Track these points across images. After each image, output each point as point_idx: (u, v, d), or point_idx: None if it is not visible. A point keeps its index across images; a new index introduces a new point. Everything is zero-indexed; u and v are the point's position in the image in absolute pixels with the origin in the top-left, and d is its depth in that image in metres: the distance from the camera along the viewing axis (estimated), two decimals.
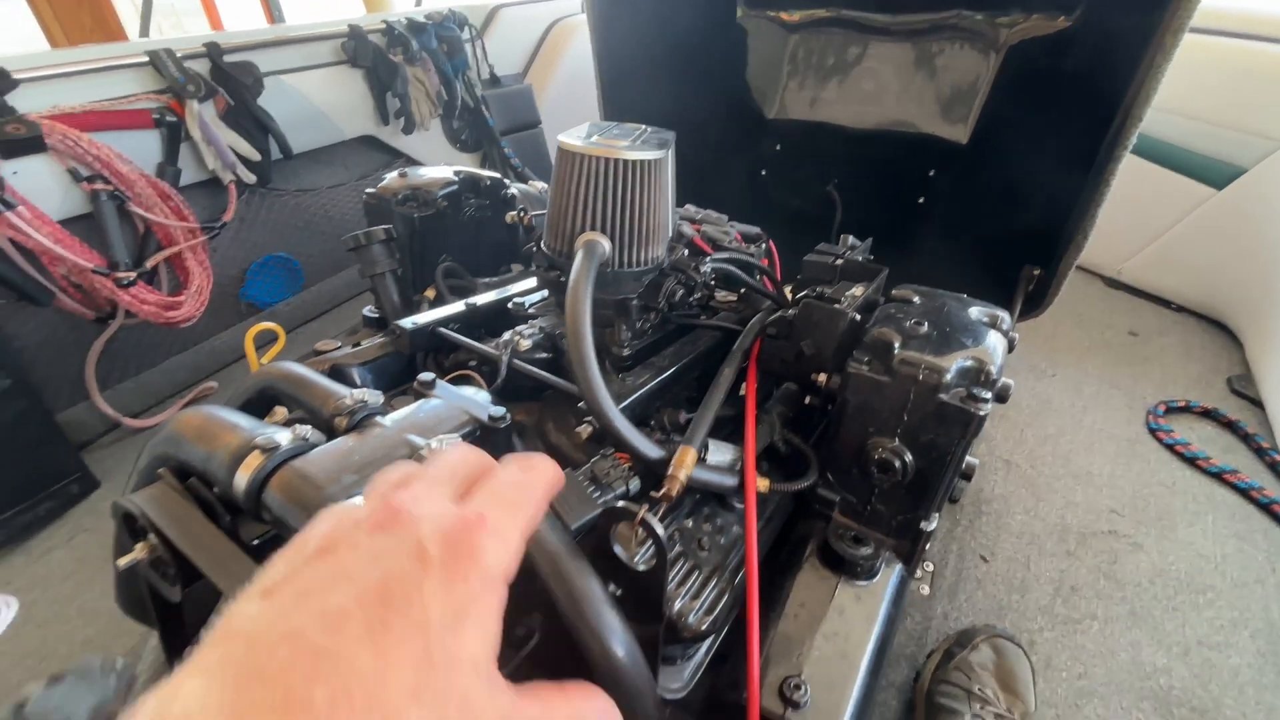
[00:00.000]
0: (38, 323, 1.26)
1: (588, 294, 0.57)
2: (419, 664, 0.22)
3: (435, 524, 0.25)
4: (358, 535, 0.25)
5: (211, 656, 0.20)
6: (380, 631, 0.21)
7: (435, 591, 0.23)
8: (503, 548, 0.26)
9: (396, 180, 0.98)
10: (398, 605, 0.22)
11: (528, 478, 0.30)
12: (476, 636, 0.24)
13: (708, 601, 0.54)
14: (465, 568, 0.24)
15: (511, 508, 0.28)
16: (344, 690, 0.20)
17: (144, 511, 0.52)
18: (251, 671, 0.20)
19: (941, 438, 0.57)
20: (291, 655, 0.20)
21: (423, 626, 0.22)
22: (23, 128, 1.10)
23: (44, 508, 1.20)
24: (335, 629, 0.21)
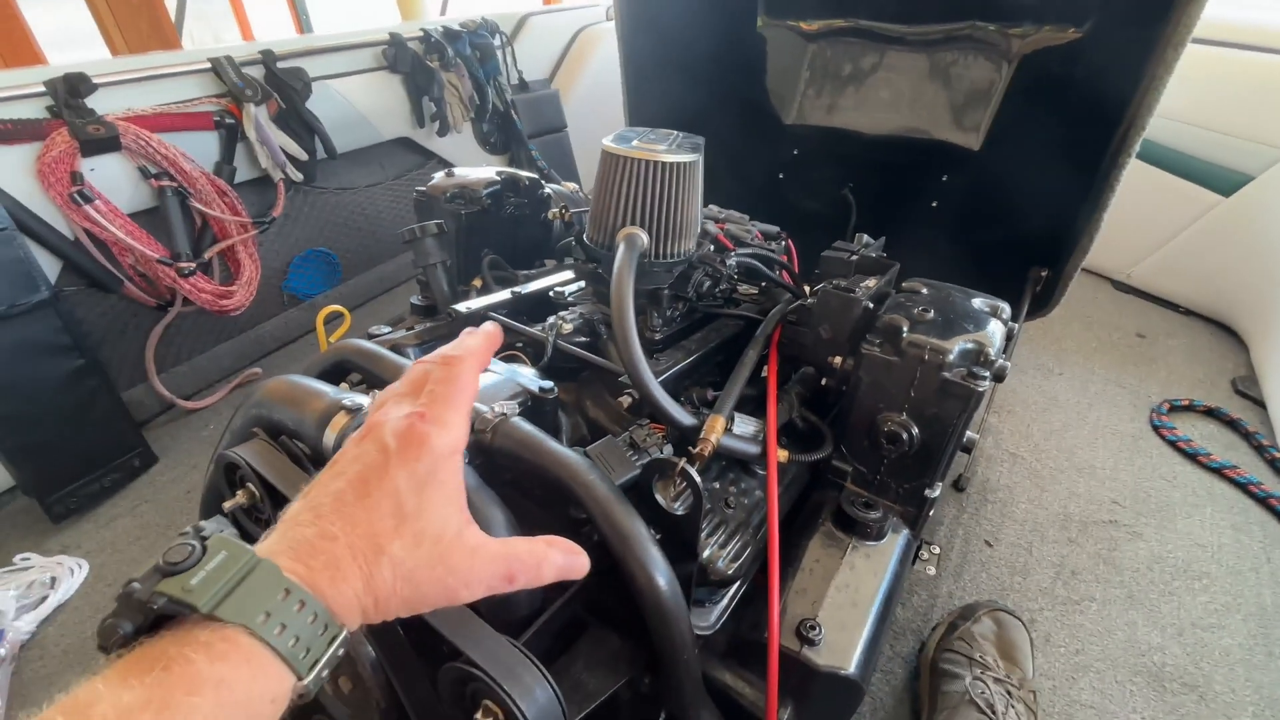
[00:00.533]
0: (104, 308, 1.36)
1: (630, 280, 0.65)
2: (395, 514, 0.34)
3: (392, 426, 0.37)
4: (349, 447, 0.38)
5: (276, 528, 0.34)
6: (364, 496, 0.34)
7: (397, 469, 0.35)
8: (444, 430, 0.37)
9: (444, 179, 1.06)
10: (373, 481, 0.35)
11: (450, 370, 0.41)
12: (437, 494, 0.36)
13: (733, 551, 0.61)
14: (416, 450, 0.36)
15: (443, 399, 0.39)
16: (351, 528, 0.33)
17: (248, 461, 0.60)
18: (298, 525, 0.33)
19: (944, 412, 0.64)
20: (317, 515, 0.33)
21: (393, 493, 0.35)
22: (102, 128, 1.19)
23: (109, 479, 1.29)
24: (339, 500, 0.34)
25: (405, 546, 0.34)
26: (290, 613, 0.29)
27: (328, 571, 0.31)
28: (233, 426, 0.70)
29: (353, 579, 0.32)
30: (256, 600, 0.28)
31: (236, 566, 0.28)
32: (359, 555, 0.32)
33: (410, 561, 0.34)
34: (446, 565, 0.35)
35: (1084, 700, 0.94)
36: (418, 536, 0.34)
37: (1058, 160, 1.20)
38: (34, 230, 1.17)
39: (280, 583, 0.29)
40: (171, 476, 1.36)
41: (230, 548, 0.29)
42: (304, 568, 0.31)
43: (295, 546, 0.32)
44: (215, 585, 0.27)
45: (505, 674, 0.44)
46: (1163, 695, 0.95)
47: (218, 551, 0.29)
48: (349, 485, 0.35)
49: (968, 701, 0.83)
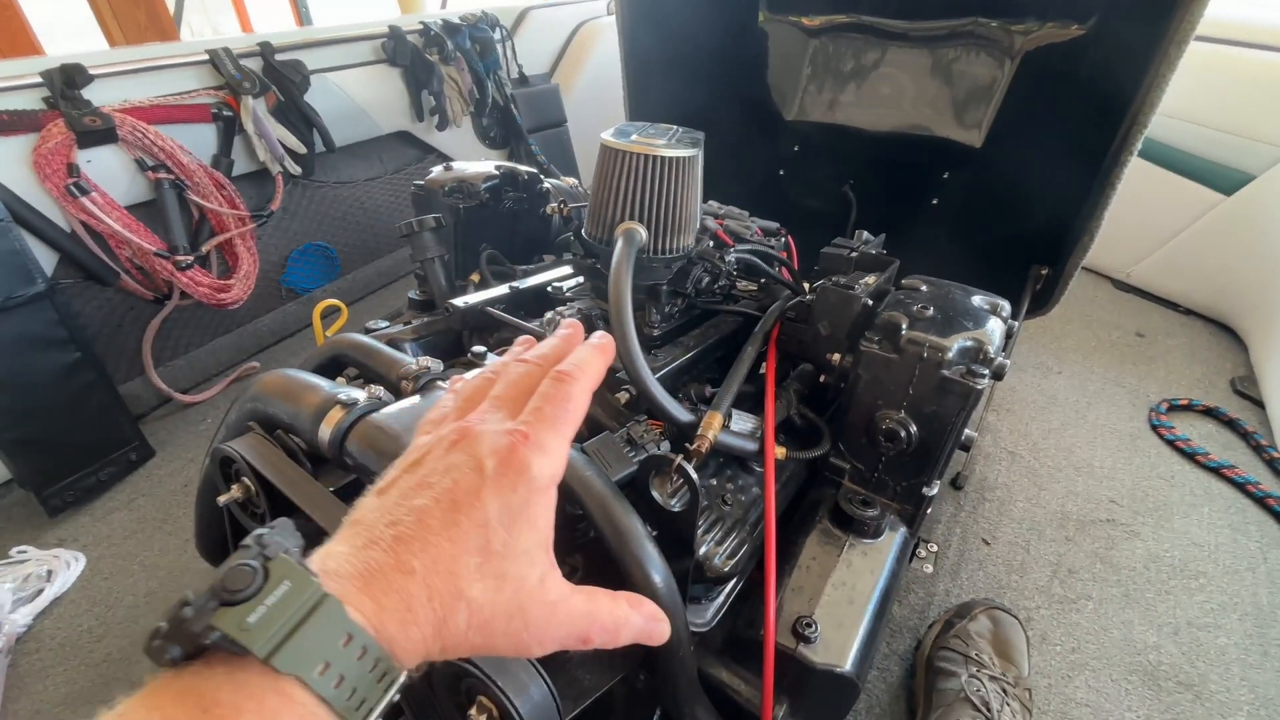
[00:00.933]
0: (101, 301, 1.36)
1: (628, 275, 0.65)
2: (481, 550, 0.31)
3: (491, 442, 0.33)
4: (439, 451, 0.34)
5: (346, 533, 0.31)
6: (452, 525, 0.30)
7: (491, 498, 0.32)
8: (546, 459, 0.34)
9: (443, 173, 1.05)
10: (463, 507, 0.31)
11: (564, 389, 0.37)
12: (527, 531, 0.33)
13: (730, 548, 0.61)
14: (513, 479, 0.32)
15: (551, 420, 0.35)
16: (433, 563, 0.29)
17: (243, 455, 0.60)
18: (371, 543, 0.29)
19: (943, 409, 0.64)
20: (396, 536, 0.29)
21: (483, 524, 0.31)
22: (99, 120, 1.19)
23: (106, 473, 1.29)
24: (421, 522, 0.30)
25: (486, 591, 0.30)
26: (350, 661, 0.26)
27: (399, 613, 0.28)
28: (228, 420, 0.70)
29: (424, 623, 0.29)
30: (316, 647, 0.25)
31: (299, 602, 0.25)
32: (436, 597, 0.29)
33: (488, 610, 0.31)
34: (524, 618, 0.32)
35: (1079, 699, 0.94)
36: (500, 580, 0.31)
37: (1059, 158, 1.19)
38: (30, 222, 1.17)
39: (343, 626, 0.26)
40: (169, 470, 1.36)
41: (295, 577, 0.26)
42: (373, 604, 0.27)
43: (367, 575, 0.28)
44: (274, 625, 0.24)
45: (499, 670, 0.44)
46: (1158, 694, 0.95)
47: (280, 580, 0.25)
48: (436, 505, 0.31)
49: (963, 699, 0.84)
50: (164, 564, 1.15)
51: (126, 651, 1.01)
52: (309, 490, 0.57)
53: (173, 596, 0.94)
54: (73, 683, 0.97)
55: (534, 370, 0.39)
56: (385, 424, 0.58)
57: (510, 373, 0.39)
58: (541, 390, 0.37)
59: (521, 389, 0.37)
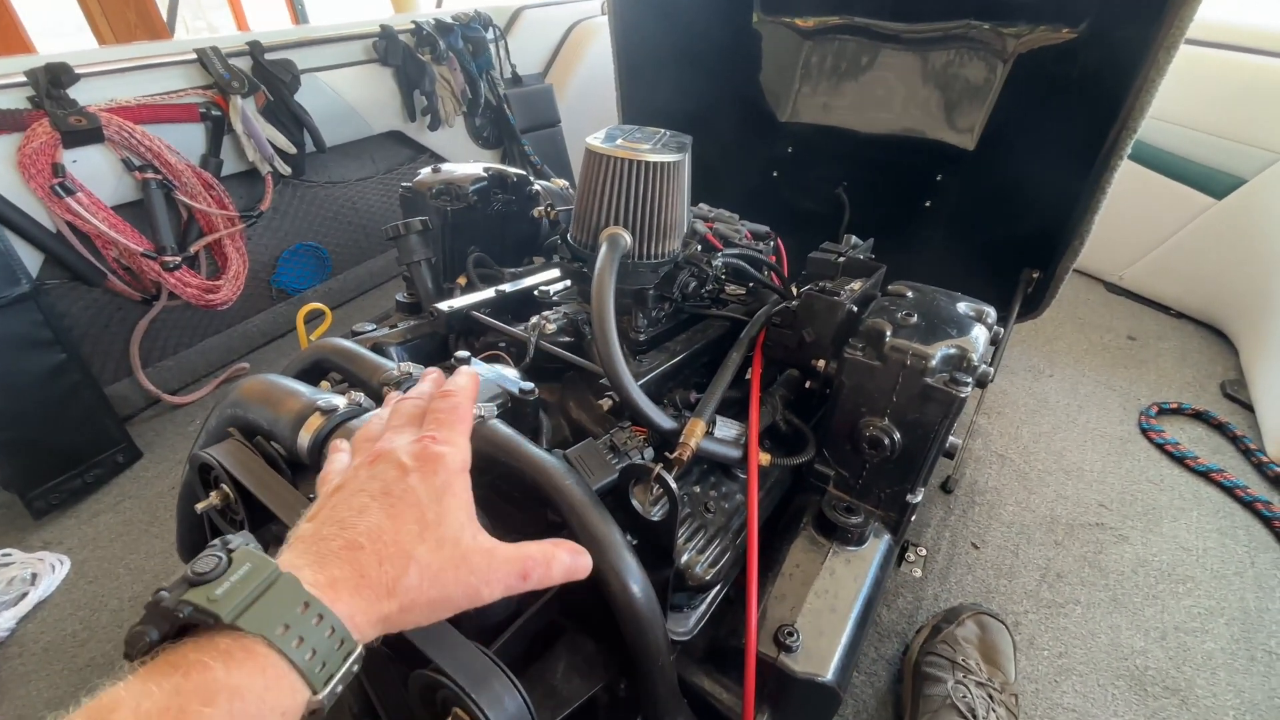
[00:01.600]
0: (87, 302, 1.35)
1: (611, 281, 0.64)
2: (418, 521, 0.37)
3: (405, 448, 0.40)
4: (360, 472, 0.39)
5: (294, 546, 0.35)
6: (389, 508, 0.36)
7: (418, 482, 0.38)
8: (454, 449, 0.41)
9: (430, 175, 1.05)
10: (396, 493, 0.37)
11: (451, 401, 0.45)
12: (453, 504, 0.39)
13: (712, 556, 0.61)
14: (432, 465, 0.39)
15: (449, 424, 0.43)
16: (379, 540, 0.35)
17: (220, 462, 0.59)
18: (321, 543, 0.34)
19: (926, 417, 0.64)
20: (342, 524, 0.35)
21: (415, 503, 0.37)
22: (84, 120, 1.18)
23: (92, 475, 1.28)
24: (362, 513, 0.36)
25: (429, 549, 0.36)
26: (308, 625, 0.30)
27: (351, 580, 0.33)
28: (208, 426, 0.69)
29: (377, 585, 0.33)
30: (276, 612, 0.29)
31: (260, 578, 0.29)
32: (385, 561, 0.34)
33: (436, 563, 0.36)
34: (468, 565, 0.37)
35: (1066, 704, 0.94)
36: (440, 541, 0.37)
37: (1051, 161, 1.20)
38: (14, 222, 1.16)
39: (300, 595, 0.30)
40: (156, 472, 1.35)
41: (255, 560, 0.30)
42: (325, 577, 0.32)
43: (319, 557, 0.33)
44: (239, 596, 0.28)
45: (474, 682, 0.43)
46: (1145, 699, 0.95)
47: (243, 563, 0.30)
48: (373, 498, 0.37)
49: (949, 705, 0.83)
50: (150, 567, 1.14)
51: (111, 656, 1.00)
52: (287, 498, 0.57)
53: None
54: (56, 687, 0.96)
55: (420, 401, 0.46)
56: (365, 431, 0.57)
57: (400, 409, 0.46)
58: (432, 407, 0.45)
59: (413, 415, 0.45)
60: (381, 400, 0.65)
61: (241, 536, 0.32)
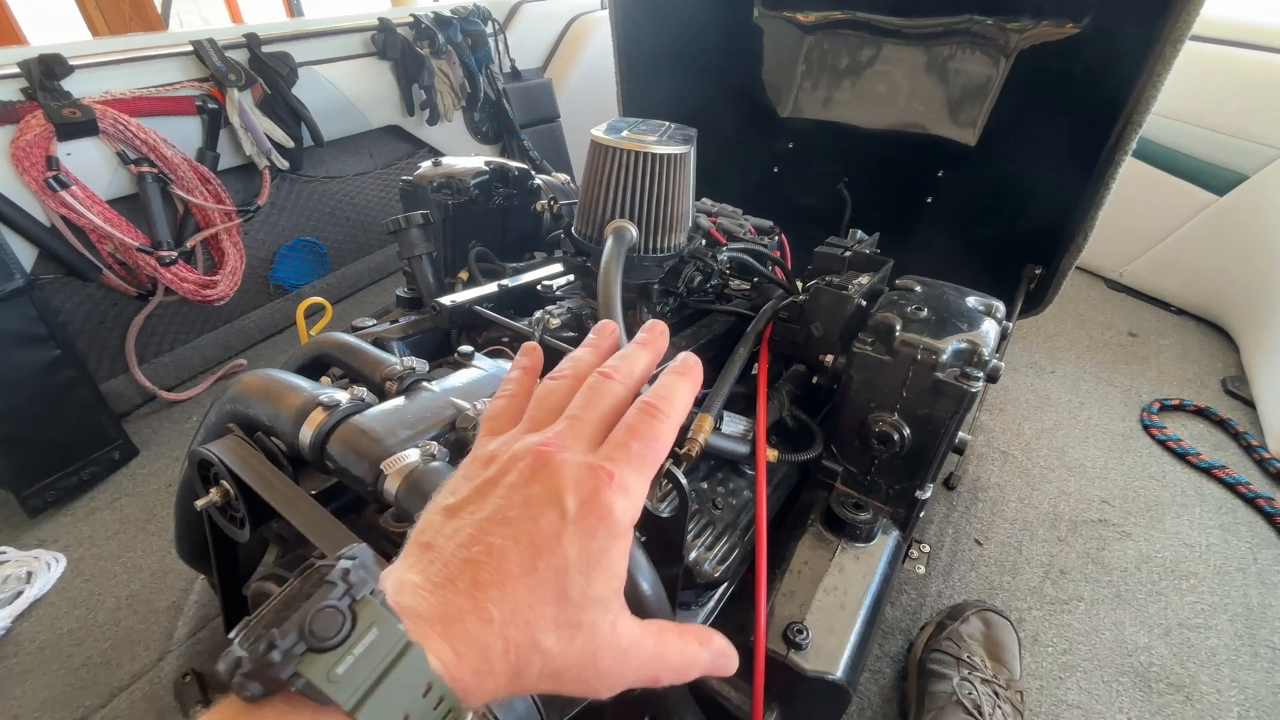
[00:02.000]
0: (82, 297, 1.33)
1: (618, 274, 0.63)
2: (558, 600, 0.29)
3: (574, 477, 0.31)
4: (515, 477, 0.31)
5: (417, 557, 0.29)
6: (531, 572, 0.29)
7: (572, 543, 0.30)
8: (628, 501, 0.31)
9: (431, 168, 1.03)
10: (544, 553, 0.29)
11: (656, 425, 0.33)
12: (604, 578, 0.31)
13: (720, 553, 0.60)
14: (595, 523, 0.30)
15: (639, 461, 0.32)
16: (511, 613, 0.28)
17: (220, 458, 0.58)
18: (448, 580, 0.28)
19: (937, 412, 0.63)
20: (475, 575, 0.28)
21: (562, 571, 0.29)
22: (79, 112, 1.16)
23: (88, 472, 1.27)
24: (500, 566, 0.28)
25: (560, 641, 0.29)
26: (427, 710, 0.25)
27: (475, 664, 0.27)
28: (207, 422, 0.68)
29: (499, 674, 0.28)
30: (399, 699, 0.24)
31: (384, 650, 0.24)
32: (512, 649, 0.28)
33: (561, 659, 0.29)
34: (595, 666, 0.30)
35: (1071, 700, 0.94)
36: (574, 629, 0.30)
37: (1054, 157, 1.19)
38: (7, 216, 1.14)
39: (425, 676, 0.25)
40: (153, 469, 1.33)
41: (382, 623, 0.25)
42: (452, 653, 0.26)
43: (446, 619, 0.27)
44: (360, 676, 0.24)
45: None
46: (1149, 696, 0.95)
47: (369, 628, 0.24)
48: (515, 547, 0.29)
49: (955, 702, 0.83)
50: (147, 565, 1.13)
51: (108, 655, 0.99)
52: (289, 494, 0.56)
53: (155, 599, 0.91)
54: (52, 687, 0.95)
55: (622, 393, 0.35)
56: (368, 427, 0.56)
57: (597, 391, 0.35)
58: (629, 422, 0.33)
59: (606, 413, 0.34)
60: (384, 397, 0.64)
61: (364, 567, 0.26)
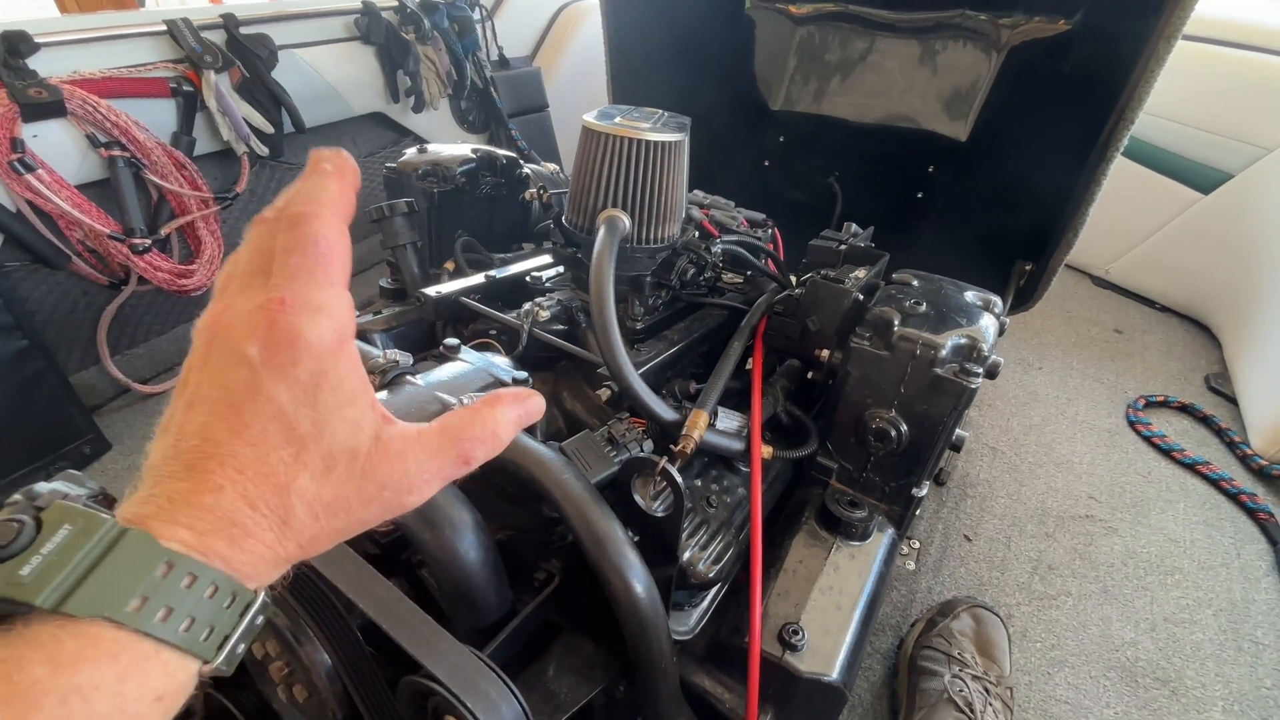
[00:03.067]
0: (51, 286, 1.28)
1: (610, 265, 0.61)
2: (289, 440, 0.27)
3: (245, 326, 0.27)
4: (196, 361, 0.28)
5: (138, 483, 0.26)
6: (241, 428, 0.26)
7: (273, 384, 0.27)
8: (319, 316, 0.28)
9: (416, 156, 1.00)
10: (247, 406, 0.26)
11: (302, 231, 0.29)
12: (331, 400, 0.28)
13: (715, 553, 0.59)
14: (289, 354, 0.27)
15: (306, 272, 0.28)
16: (239, 472, 0.26)
17: None
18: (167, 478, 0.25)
19: (935, 409, 0.62)
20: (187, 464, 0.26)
21: (276, 415, 0.27)
22: (45, 92, 1.11)
23: (57, 467, 1.22)
24: (208, 439, 0.26)
25: (315, 476, 0.27)
26: (177, 590, 0.23)
27: (223, 530, 0.25)
28: None
29: (259, 532, 0.26)
30: (124, 584, 0.22)
31: (90, 544, 0.22)
32: (259, 503, 0.26)
33: (328, 492, 0.28)
34: (376, 480, 0.29)
35: (1059, 696, 0.94)
36: (327, 459, 0.28)
37: (1045, 153, 1.19)
38: None
39: (157, 556, 0.23)
40: (126, 464, 1.29)
41: (77, 518, 0.23)
42: (187, 531, 0.24)
43: (170, 506, 0.25)
44: (59, 573, 0.21)
45: (468, 689, 0.41)
46: (1135, 690, 0.96)
47: (58, 526, 0.22)
48: (216, 417, 0.26)
49: (946, 700, 0.83)
50: None
51: None
52: None
53: None
54: None
55: (271, 225, 0.30)
56: None
57: (253, 238, 0.31)
58: (280, 244, 0.29)
59: (264, 251, 0.30)
60: None
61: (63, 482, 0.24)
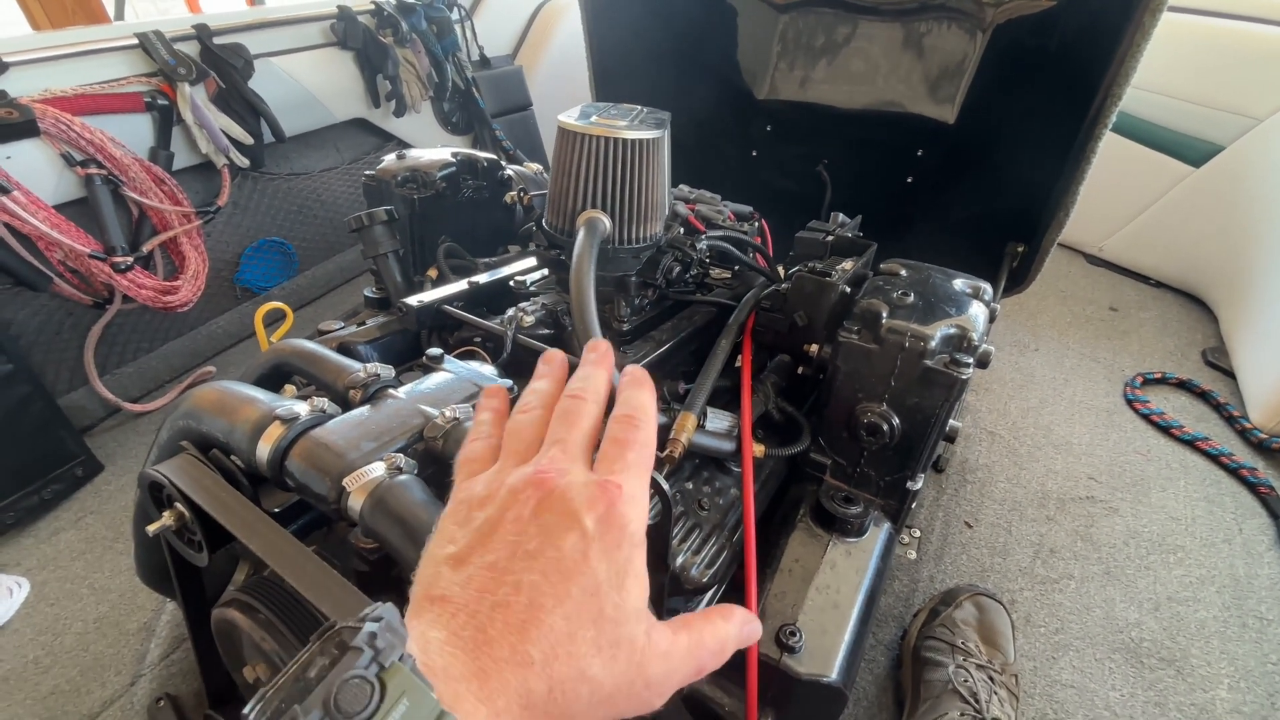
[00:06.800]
0: (34, 308, 1.27)
1: (591, 267, 0.60)
2: (595, 621, 0.28)
3: (585, 496, 0.30)
4: (520, 510, 0.30)
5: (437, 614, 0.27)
6: (565, 599, 0.27)
7: (599, 560, 0.29)
8: (638, 510, 0.31)
9: (395, 162, 0.99)
10: (575, 577, 0.28)
11: (640, 435, 0.34)
12: (635, 588, 0.30)
13: (708, 556, 0.58)
14: (617, 536, 0.30)
15: (636, 469, 0.33)
16: (551, 649, 0.26)
17: (171, 480, 0.54)
18: (479, 634, 0.26)
19: (927, 401, 0.61)
20: (506, 620, 0.26)
21: (594, 591, 0.28)
22: (16, 112, 1.09)
23: (50, 491, 1.21)
24: (534, 603, 0.27)
25: (605, 664, 0.28)
26: None
27: (513, 713, 0.25)
28: (159, 440, 0.64)
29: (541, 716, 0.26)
30: None
31: None
32: (557, 686, 0.26)
33: (610, 683, 0.28)
34: (645, 679, 0.29)
35: (1064, 680, 0.94)
36: (616, 647, 0.28)
37: (1033, 132, 1.17)
38: None
39: None
40: (119, 485, 1.28)
41: (413, 692, 0.23)
42: (488, 710, 0.24)
43: (482, 675, 0.25)
44: None
45: None
46: (1141, 671, 0.95)
47: (399, 699, 0.22)
48: (545, 578, 0.27)
49: (951, 690, 0.82)
50: (116, 586, 1.08)
51: (76, 682, 0.95)
52: (246, 516, 0.52)
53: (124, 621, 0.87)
54: (18, 718, 0.91)
55: (596, 411, 0.36)
56: (329, 440, 0.53)
57: (572, 414, 0.35)
58: (615, 436, 0.34)
59: (588, 431, 0.34)
60: (348, 406, 0.60)
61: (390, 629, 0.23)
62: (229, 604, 0.59)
